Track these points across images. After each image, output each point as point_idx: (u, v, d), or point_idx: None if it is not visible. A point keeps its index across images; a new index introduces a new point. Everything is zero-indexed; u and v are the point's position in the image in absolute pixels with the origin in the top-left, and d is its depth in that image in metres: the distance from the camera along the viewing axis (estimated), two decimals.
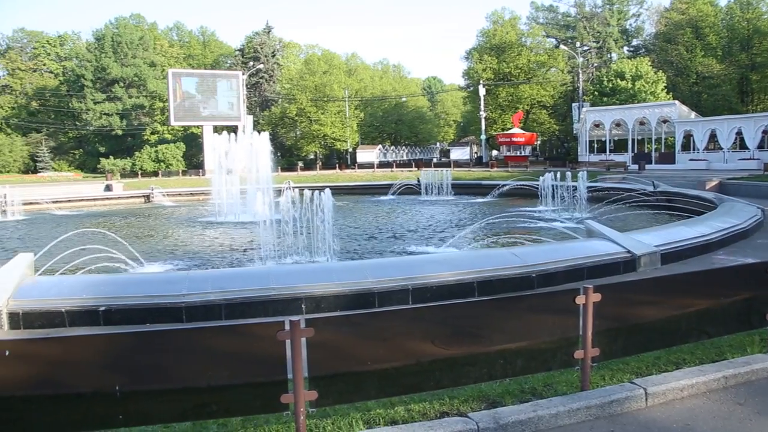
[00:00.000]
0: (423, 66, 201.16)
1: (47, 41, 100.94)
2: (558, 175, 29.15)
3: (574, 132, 64.61)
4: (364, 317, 6.15)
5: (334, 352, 4.87)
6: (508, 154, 65.43)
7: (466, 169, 59.62)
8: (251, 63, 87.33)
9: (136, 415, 4.82)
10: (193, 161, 79.68)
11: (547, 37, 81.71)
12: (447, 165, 60.02)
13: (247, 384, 4.85)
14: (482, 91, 71.47)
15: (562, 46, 73.89)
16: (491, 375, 5.58)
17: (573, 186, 27.51)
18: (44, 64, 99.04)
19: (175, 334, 5.20)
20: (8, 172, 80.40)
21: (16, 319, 9.68)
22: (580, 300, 5.56)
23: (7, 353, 4.56)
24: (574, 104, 67.02)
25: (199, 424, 5.13)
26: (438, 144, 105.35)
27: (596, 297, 5.59)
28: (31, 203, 35.79)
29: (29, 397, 4.72)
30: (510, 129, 68.33)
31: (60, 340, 5.32)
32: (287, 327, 4.48)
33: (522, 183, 35.26)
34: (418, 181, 42.27)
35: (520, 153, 64.66)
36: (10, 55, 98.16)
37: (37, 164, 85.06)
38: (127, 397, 4.76)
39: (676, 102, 54.72)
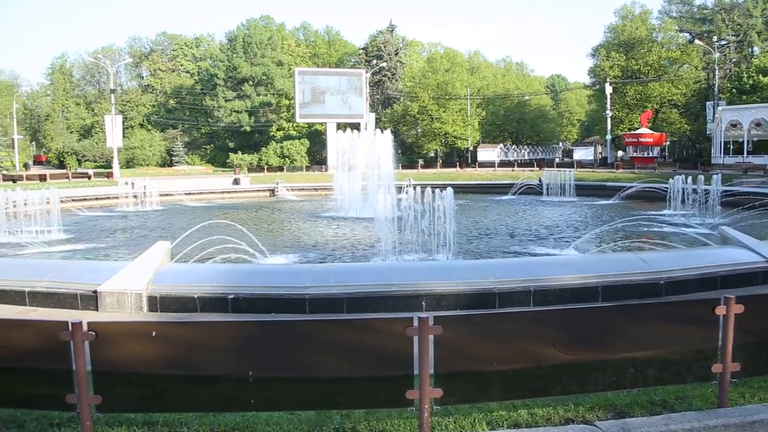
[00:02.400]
0: (546, 64, 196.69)
1: (185, 43, 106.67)
2: (689, 177, 27.70)
3: (708, 132, 61.20)
4: (489, 317, 6.09)
5: (457, 351, 4.83)
6: (635, 155, 62.80)
7: (590, 169, 57.75)
8: (374, 61, 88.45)
9: (263, 401, 4.98)
10: (317, 157, 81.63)
11: (681, 31, 77.58)
12: (570, 165, 58.44)
13: (368, 377, 4.90)
14: (608, 90, 68.99)
15: (696, 41, 69.96)
16: (619, 384, 5.36)
17: (705, 190, 26.09)
18: (181, 65, 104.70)
19: (310, 325, 5.33)
20: (147, 165, 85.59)
21: (154, 303, 10.30)
22: (720, 311, 5.24)
23: (154, 334, 4.84)
24: (708, 103, 63.45)
25: (323, 414, 5.24)
26: (561, 144, 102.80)
27: (738, 308, 5.24)
28: (166, 195, 37.95)
29: (167, 375, 4.98)
30: (637, 129, 65.56)
31: (198, 325, 5.59)
32: (416, 323, 4.49)
33: (649, 185, 33.75)
34: (540, 181, 41.41)
35: (648, 154, 61.91)
36: (152, 57, 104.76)
37: (173, 158, 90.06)
38: (254, 382, 4.93)
39: None
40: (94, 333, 4.65)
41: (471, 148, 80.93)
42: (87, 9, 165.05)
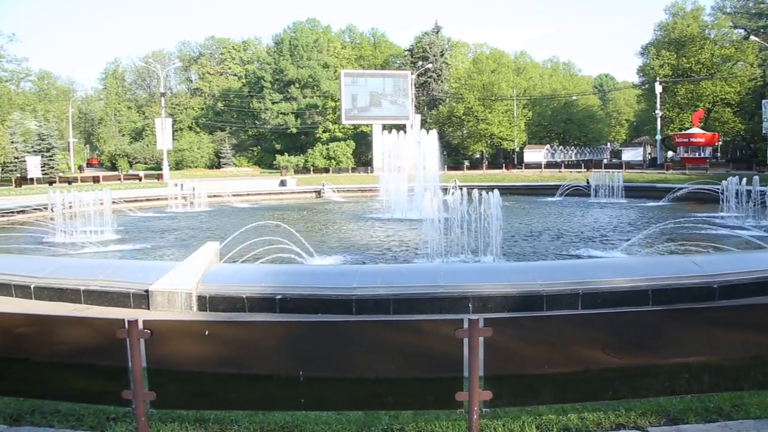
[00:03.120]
0: (594, 63, 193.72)
1: (233, 47, 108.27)
2: (743, 179, 26.97)
3: (764, 132, 59.43)
4: (537, 320, 6.02)
5: (506, 353, 4.80)
6: (686, 155, 61.40)
7: (639, 171, 56.70)
8: (420, 62, 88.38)
9: (311, 400, 5.02)
10: (362, 159, 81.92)
11: (735, 27, 75.29)
12: (618, 166, 57.47)
13: (415, 378, 4.90)
14: (658, 89, 67.58)
15: (752, 37, 67.82)
16: (672, 389, 5.24)
17: (761, 191, 25.39)
18: (229, 68, 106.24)
19: (358, 326, 5.34)
20: (196, 167, 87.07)
21: (204, 302, 10.49)
22: None
23: (206, 333, 4.92)
24: (764, 101, 61.52)
25: (371, 414, 5.26)
26: (609, 144, 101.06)
27: None
28: (214, 196, 38.58)
29: (217, 374, 5.07)
30: (689, 129, 64.07)
31: (249, 325, 5.66)
32: (466, 325, 4.47)
33: (701, 187, 32.97)
34: (587, 182, 40.83)
35: (699, 154, 60.45)
36: (201, 61, 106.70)
37: (221, 160, 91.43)
38: (302, 382, 4.97)
39: None
40: (149, 331, 4.75)
41: (517, 150, 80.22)
42: (139, 15, 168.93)
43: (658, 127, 69.30)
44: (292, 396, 5.01)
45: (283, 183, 51.20)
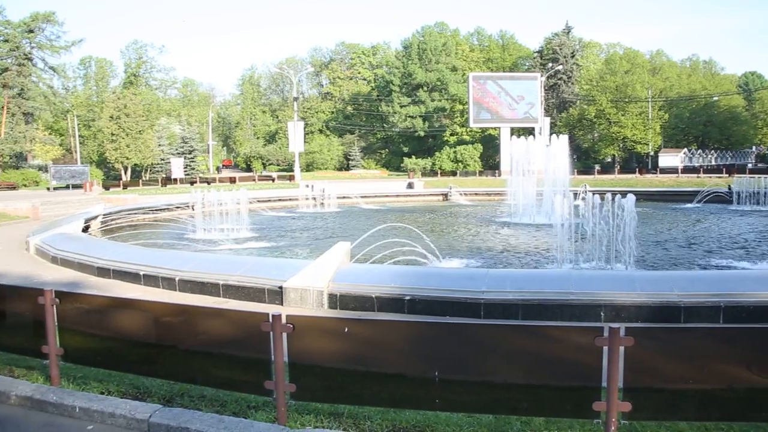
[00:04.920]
0: (739, 61, 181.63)
1: (362, 52, 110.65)
2: None
3: None
4: (678, 332, 5.77)
5: (644, 365, 4.63)
6: None
7: None
8: (550, 64, 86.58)
9: (440, 401, 5.05)
10: (490, 162, 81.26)
11: None
12: (765, 171, 53.74)
13: (544, 385, 4.82)
14: None
15: None
16: None
17: None
18: (359, 73, 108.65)
19: (490, 330, 5.33)
20: (326, 169, 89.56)
21: (334, 300, 10.79)
22: None
23: (346, 330, 5.08)
24: None
25: (502, 419, 5.22)
26: (754, 148, 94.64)
27: None
28: (343, 197, 39.44)
29: (351, 370, 5.21)
30: None
31: (386, 324, 5.77)
32: (606, 333, 4.36)
33: None
34: (729, 188, 38.38)
35: None
36: (332, 66, 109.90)
37: (350, 162, 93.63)
38: (431, 382, 5.01)
39: None
40: (291, 325, 4.96)
41: (651, 153, 76.78)
42: (273, 24, 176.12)
43: None
44: (422, 395, 5.07)
45: (410, 185, 51.64)
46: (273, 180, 60.05)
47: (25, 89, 78.56)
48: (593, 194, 17.43)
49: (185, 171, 66.82)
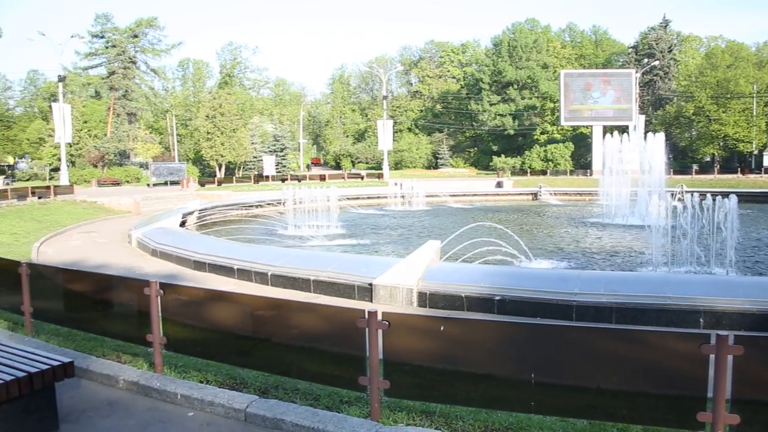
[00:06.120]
0: None
1: (451, 50, 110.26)
2: None
3: None
4: None
5: (753, 376, 4.38)
6: None
7: None
8: (645, 60, 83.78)
9: (532, 403, 4.97)
10: (581, 161, 79.50)
11: None
12: None
13: (640, 392, 4.67)
14: None
15: None
16: None
17: None
18: (448, 71, 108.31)
19: (587, 333, 5.19)
20: (414, 167, 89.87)
21: (423, 298, 10.82)
22: None
23: (442, 329, 5.08)
24: None
25: (596, 425, 5.10)
26: None
27: None
28: (431, 196, 39.47)
29: (443, 369, 5.20)
30: None
31: (472, 322, 5.73)
32: (713, 341, 4.19)
33: None
34: None
35: None
36: (421, 65, 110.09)
37: (438, 161, 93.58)
38: (522, 384, 4.94)
39: None
40: (387, 322, 5.01)
41: (756, 152, 72.97)
42: (363, 23, 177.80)
43: None
44: (515, 397, 5.02)
45: (499, 184, 51.14)
46: (362, 178, 60.69)
47: (129, 91, 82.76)
48: (691, 195, 16.78)
49: (277, 168, 68.53)
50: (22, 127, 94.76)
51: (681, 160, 77.17)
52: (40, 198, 32.15)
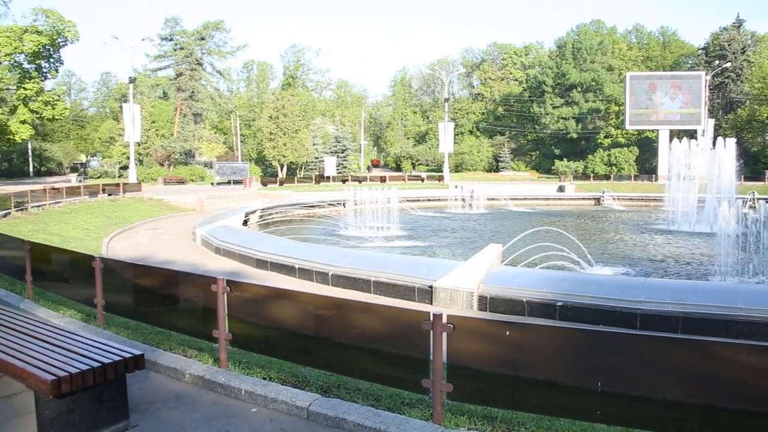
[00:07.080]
0: None
1: (514, 52, 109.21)
2: None
3: None
4: None
5: None
6: None
7: None
8: (716, 62, 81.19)
9: (594, 413, 4.88)
10: (646, 166, 77.70)
11: None
12: None
13: (709, 407, 4.54)
14: None
15: None
16: None
17: None
18: (510, 73, 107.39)
19: (656, 342, 5.08)
20: (475, 170, 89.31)
21: (484, 302, 10.74)
22: None
23: (507, 333, 5.06)
24: None
25: None
26: None
27: None
28: (492, 199, 39.21)
29: (505, 375, 5.16)
30: None
31: (536, 328, 5.65)
32: None
33: None
34: None
35: None
36: (483, 67, 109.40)
37: (499, 164, 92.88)
38: (587, 392, 4.86)
39: None
40: (452, 325, 5.01)
41: None
42: (426, 25, 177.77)
43: None
44: (579, 405, 4.94)
45: (561, 189, 50.38)
46: (422, 180, 60.70)
47: (196, 92, 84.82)
48: (764, 202, 16.22)
49: (337, 169, 69.18)
50: (95, 126, 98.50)
51: (753, 165, 74.46)
52: (110, 195, 33.25)
